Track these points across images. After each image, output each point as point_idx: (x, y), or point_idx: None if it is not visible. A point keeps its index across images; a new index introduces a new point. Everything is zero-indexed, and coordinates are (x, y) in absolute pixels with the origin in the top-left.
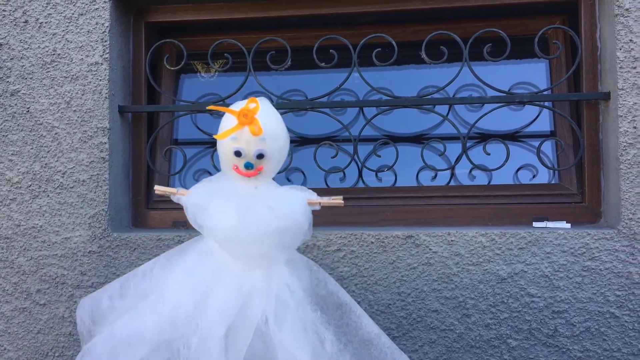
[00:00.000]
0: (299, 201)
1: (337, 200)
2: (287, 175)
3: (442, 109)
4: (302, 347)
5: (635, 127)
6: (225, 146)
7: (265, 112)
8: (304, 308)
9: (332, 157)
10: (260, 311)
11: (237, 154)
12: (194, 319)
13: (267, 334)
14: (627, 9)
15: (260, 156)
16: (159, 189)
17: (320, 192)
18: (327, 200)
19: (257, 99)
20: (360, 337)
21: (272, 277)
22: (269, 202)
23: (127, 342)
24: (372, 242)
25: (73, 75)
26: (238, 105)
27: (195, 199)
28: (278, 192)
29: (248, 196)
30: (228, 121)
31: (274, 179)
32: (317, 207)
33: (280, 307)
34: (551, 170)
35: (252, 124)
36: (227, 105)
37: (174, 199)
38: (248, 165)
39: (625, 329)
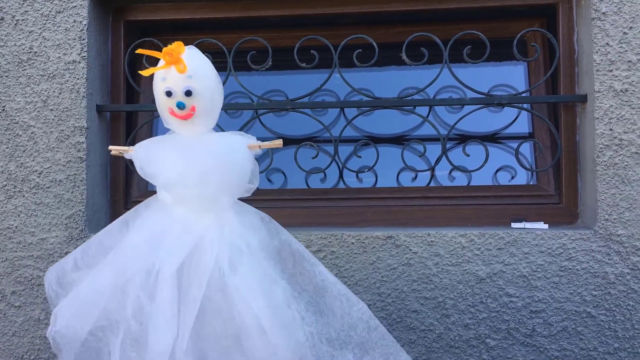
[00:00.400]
0: (239, 144)
1: (276, 142)
2: (267, 175)
3: (423, 110)
4: (257, 294)
5: (611, 130)
6: (157, 88)
7: (191, 54)
8: (257, 257)
9: (313, 158)
10: (212, 257)
11: (168, 94)
12: (144, 268)
13: (224, 282)
14: (603, 13)
15: (188, 93)
16: (113, 148)
17: (301, 192)
18: (266, 143)
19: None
20: (315, 285)
21: (223, 226)
22: (210, 146)
23: (90, 297)
24: (352, 243)
25: (50, 73)
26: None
27: (141, 151)
28: (219, 137)
29: (190, 143)
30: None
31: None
32: (259, 151)
33: (234, 255)
34: (529, 172)
35: (178, 62)
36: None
37: (127, 156)
38: (180, 105)
39: (602, 328)
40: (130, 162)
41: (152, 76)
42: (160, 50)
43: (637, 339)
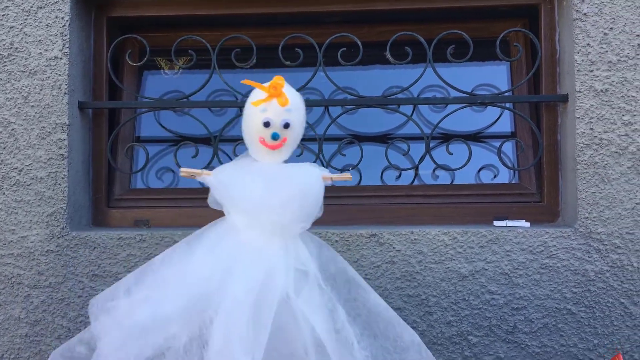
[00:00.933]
0: (316, 175)
1: (347, 175)
2: None
3: (407, 109)
4: (319, 317)
5: (591, 129)
6: (254, 118)
7: (289, 88)
8: (318, 282)
9: (298, 156)
10: (281, 284)
11: (266, 124)
12: (219, 292)
13: (290, 306)
14: (585, 14)
15: (286, 125)
16: (185, 170)
17: None
18: (337, 175)
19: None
20: (368, 310)
21: (289, 253)
22: (291, 175)
23: (147, 327)
24: (336, 241)
25: (31, 69)
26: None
27: (222, 175)
28: (298, 167)
29: (273, 171)
30: (256, 96)
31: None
32: (330, 183)
33: (298, 280)
34: (511, 170)
35: (280, 96)
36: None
37: (200, 179)
38: (275, 136)
39: (581, 325)
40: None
41: (137, 72)
42: (144, 46)
43: (616, 335)
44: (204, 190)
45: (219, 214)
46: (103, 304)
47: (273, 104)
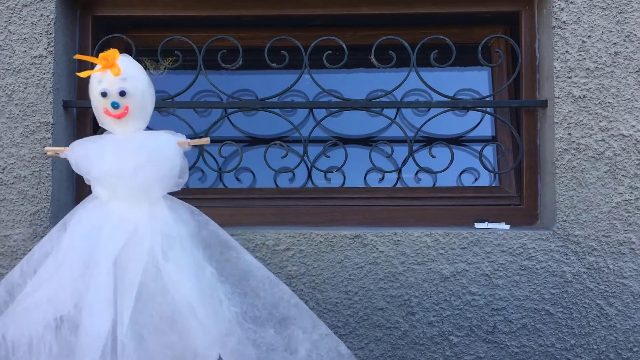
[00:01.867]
0: (169, 141)
1: (204, 140)
2: (236, 174)
3: (390, 112)
4: (187, 279)
5: (569, 134)
6: (93, 91)
7: (125, 59)
8: (186, 246)
9: (282, 157)
10: (146, 246)
11: (103, 94)
12: (84, 254)
13: (158, 269)
14: (564, 22)
15: (122, 93)
16: (49, 149)
17: (270, 191)
18: (195, 140)
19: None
20: (240, 270)
21: (156, 218)
22: (142, 142)
23: (34, 300)
24: (320, 242)
25: (15, 67)
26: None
27: (77, 150)
28: (150, 134)
29: (124, 140)
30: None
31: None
32: (188, 147)
33: (165, 244)
34: (492, 174)
35: (113, 66)
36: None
37: (62, 155)
38: (114, 104)
39: (559, 325)
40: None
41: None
42: (130, 46)
43: (593, 335)
44: (191, 190)
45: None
46: (8, 290)
47: (107, 75)
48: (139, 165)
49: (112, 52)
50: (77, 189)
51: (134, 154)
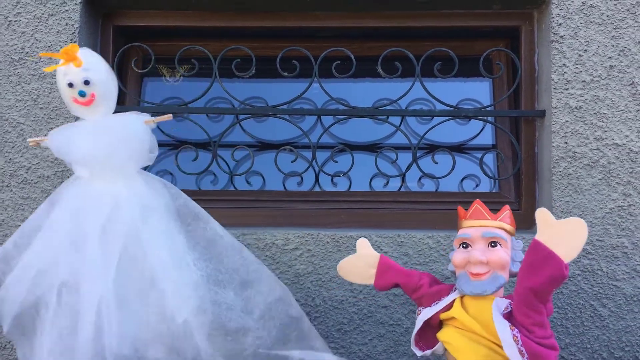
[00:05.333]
0: (136, 120)
1: (167, 116)
2: (247, 177)
3: (395, 120)
4: (163, 243)
5: (566, 143)
6: (60, 83)
7: (85, 52)
8: (161, 214)
9: (292, 162)
10: (128, 217)
11: (70, 85)
12: (73, 229)
13: (138, 235)
14: (561, 36)
15: (86, 82)
16: (31, 140)
17: (279, 194)
18: (159, 118)
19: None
20: (207, 239)
21: (134, 192)
22: (113, 124)
23: (27, 266)
24: (327, 242)
25: (41, 73)
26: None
27: (56, 136)
28: (119, 117)
29: (97, 124)
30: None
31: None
32: (153, 125)
33: (144, 213)
34: (492, 180)
35: (75, 59)
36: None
37: (43, 144)
38: (81, 93)
39: (554, 325)
40: None
41: (140, 79)
42: (149, 54)
43: (586, 335)
44: (203, 192)
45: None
46: (2, 258)
47: (71, 67)
48: (112, 146)
49: (72, 47)
50: None
51: (106, 136)
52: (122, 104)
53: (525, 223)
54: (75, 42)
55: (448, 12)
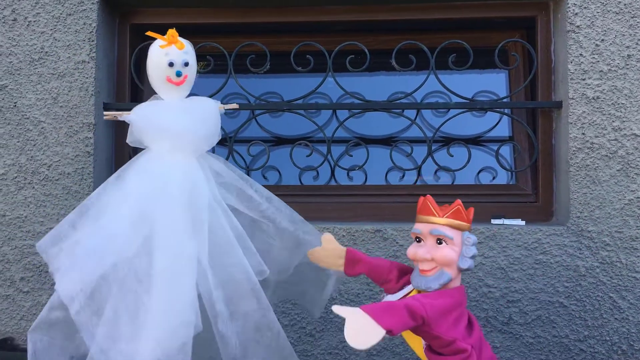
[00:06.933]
0: (213, 105)
1: (234, 105)
2: (263, 172)
3: (410, 113)
4: (232, 215)
5: (583, 134)
6: (160, 60)
7: (183, 39)
8: (230, 189)
9: (307, 156)
10: (206, 190)
11: (171, 64)
12: (157, 206)
13: (215, 206)
14: (578, 26)
15: (186, 64)
16: (107, 113)
17: (295, 188)
18: (227, 105)
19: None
20: (261, 211)
21: (205, 168)
22: (200, 105)
23: (97, 249)
24: (343, 235)
25: (60, 72)
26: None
27: (142, 111)
28: (201, 99)
29: (184, 104)
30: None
31: None
32: (222, 111)
33: (214, 188)
34: (509, 172)
35: (177, 42)
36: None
37: (121, 118)
38: (179, 73)
39: (573, 317)
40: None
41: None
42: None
43: (605, 327)
44: None
45: None
46: (52, 244)
47: (173, 49)
48: (196, 123)
49: (173, 32)
50: None
51: (191, 114)
52: (141, 101)
53: (543, 215)
54: (93, 41)
55: (462, 3)
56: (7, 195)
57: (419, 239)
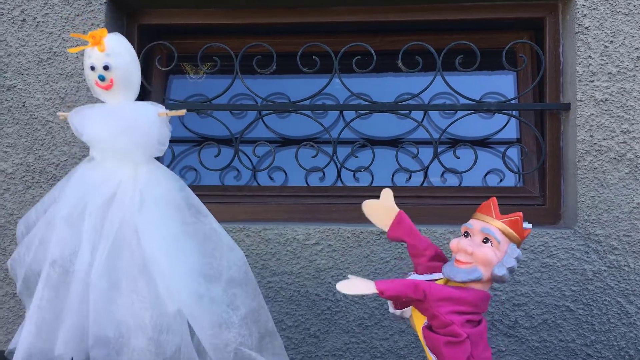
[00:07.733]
0: (147, 111)
1: (181, 111)
2: (269, 173)
3: (417, 114)
4: (156, 232)
5: (591, 136)
6: (85, 64)
7: (111, 37)
8: (160, 204)
9: (313, 157)
10: (127, 203)
11: (92, 68)
12: (78, 202)
13: (134, 221)
14: (586, 27)
15: (106, 67)
16: (61, 114)
17: (301, 189)
18: (172, 112)
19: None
20: (204, 233)
21: (137, 178)
22: (123, 111)
23: (36, 234)
24: (348, 237)
25: (68, 72)
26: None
27: (75, 116)
28: (132, 105)
29: (111, 109)
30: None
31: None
32: (167, 117)
33: (143, 200)
34: (516, 175)
35: (99, 44)
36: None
37: (69, 120)
38: (101, 77)
39: (579, 322)
40: None
41: (165, 76)
42: (172, 52)
43: (612, 332)
44: (227, 187)
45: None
46: (26, 225)
47: (95, 51)
48: (118, 131)
49: (101, 31)
50: None
51: (114, 121)
52: (148, 101)
53: (550, 218)
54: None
55: (470, 4)
56: (15, 194)
57: (467, 234)
